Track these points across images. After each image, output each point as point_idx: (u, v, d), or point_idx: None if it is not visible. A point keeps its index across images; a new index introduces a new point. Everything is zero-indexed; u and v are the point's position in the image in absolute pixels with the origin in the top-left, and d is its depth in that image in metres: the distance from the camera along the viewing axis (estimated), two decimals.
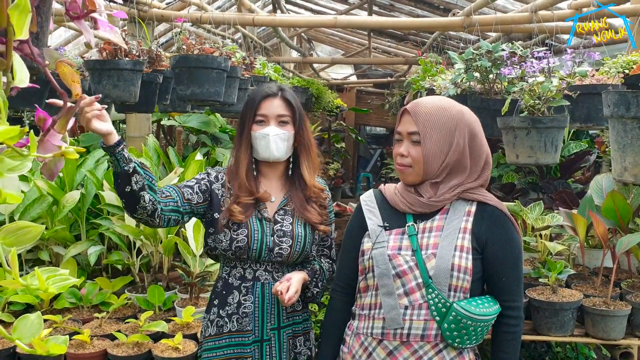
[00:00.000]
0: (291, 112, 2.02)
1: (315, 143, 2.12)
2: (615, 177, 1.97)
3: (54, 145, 0.67)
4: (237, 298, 1.98)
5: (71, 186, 3.20)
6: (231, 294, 1.99)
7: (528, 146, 2.30)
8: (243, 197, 1.96)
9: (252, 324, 1.96)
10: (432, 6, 6.13)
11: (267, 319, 1.97)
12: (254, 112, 2.00)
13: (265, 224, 1.99)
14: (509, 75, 2.36)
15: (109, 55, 2.47)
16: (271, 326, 1.98)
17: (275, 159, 2.01)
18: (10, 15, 0.46)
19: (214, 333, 2.00)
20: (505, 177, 5.04)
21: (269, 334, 1.97)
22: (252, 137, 2.00)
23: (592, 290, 2.65)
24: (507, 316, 1.70)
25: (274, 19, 3.89)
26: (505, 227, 1.69)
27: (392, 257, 1.67)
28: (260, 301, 1.97)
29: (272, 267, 2.00)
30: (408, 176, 1.70)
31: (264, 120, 1.99)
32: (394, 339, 1.65)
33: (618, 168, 1.92)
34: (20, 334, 0.50)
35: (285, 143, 1.99)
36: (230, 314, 1.98)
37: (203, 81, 2.66)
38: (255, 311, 1.97)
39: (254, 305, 1.97)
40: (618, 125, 1.87)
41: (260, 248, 1.95)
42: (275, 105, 2.00)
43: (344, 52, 10.63)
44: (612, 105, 1.85)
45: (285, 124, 2.01)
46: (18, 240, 0.49)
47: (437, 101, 1.72)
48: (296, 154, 2.06)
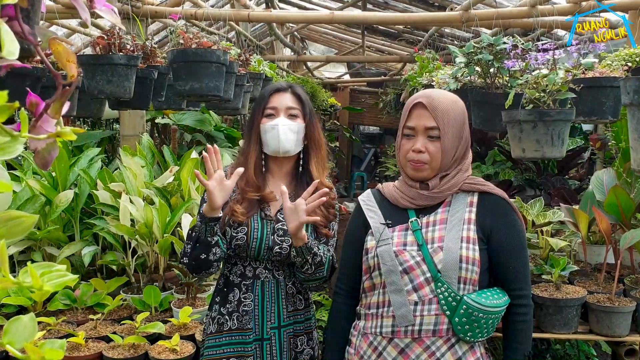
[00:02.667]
0: (301, 106, 1.99)
1: (326, 143, 2.08)
2: (636, 168, 1.93)
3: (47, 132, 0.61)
4: (237, 296, 1.96)
5: (64, 186, 3.14)
6: (232, 292, 1.97)
7: (534, 140, 2.25)
8: (250, 192, 1.93)
9: (253, 322, 1.93)
10: (427, 3, 6.10)
11: (267, 317, 1.94)
12: (263, 106, 1.98)
13: (266, 223, 1.95)
14: (513, 68, 2.32)
15: (103, 50, 2.41)
16: (271, 325, 1.94)
17: (285, 151, 1.95)
18: None
19: (215, 330, 1.97)
20: (502, 174, 5.02)
21: (269, 332, 1.94)
22: (262, 130, 1.96)
23: (595, 286, 2.62)
24: (517, 305, 1.68)
25: (269, 15, 3.84)
26: (509, 215, 1.68)
27: (398, 254, 1.64)
28: (260, 299, 1.94)
29: (272, 266, 1.96)
30: (424, 172, 1.66)
31: (274, 113, 1.97)
32: (405, 336, 1.61)
33: (638, 158, 1.88)
34: (11, 338, 0.44)
35: (294, 135, 1.95)
36: (230, 312, 1.95)
37: (202, 75, 2.59)
38: (255, 309, 1.94)
39: (254, 303, 1.94)
40: (638, 113, 1.83)
41: (259, 247, 1.92)
42: (285, 98, 1.98)
43: (338, 51, 10.60)
44: (633, 92, 1.81)
45: (295, 117, 1.97)
46: (9, 231, 0.44)
47: (447, 95, 1.70)
48: (306, 150, 2.02)
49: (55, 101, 0.63)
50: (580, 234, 2.72)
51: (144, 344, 2.46)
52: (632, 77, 1.91)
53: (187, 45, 2.56)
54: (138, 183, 3.17)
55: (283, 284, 1.97)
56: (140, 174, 3.23)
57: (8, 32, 0.43)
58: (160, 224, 2.89)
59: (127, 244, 3.04)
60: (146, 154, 3.60)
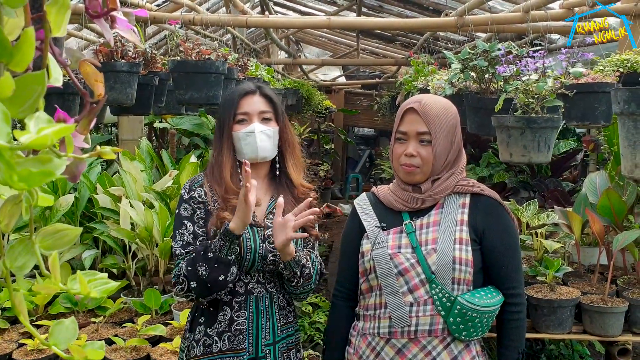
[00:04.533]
0: (273, 108, 1.88)
1: (299, 141, 1.99)
2: (626, 175, 1.98)
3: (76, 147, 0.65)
4: (229, 314, 1.79)
5: (64, 190, 3.17)
6: (222, 311, 1.80)
7: (522, 145, 2.31)
8: (233, 199, 1.77)
9: (247, 341, 1.79)
10: (421, 7, 6.15)
11: (262, 334, 1.81)
12: (233, 112, 1.84)
13: (256, 231, 1.82)
14: (504, 73, 2.37)
15: (105, 57, 2.45)
16: (266, 342, 1.81)
17: (262, 159, 1.85)
18: (47, 12, 0.45)
19: (200, 353, 1.80)
20: (496, 176, 5.07)
21: (264, 350, 1.81)
22: (235, 137, 1.84)
23: (589, 287, 2.67)
24: (510, 304, 1.71)
25: (267, 20, 3.88)
26: (501, 216, 1.71)
27: (393, 256, 1.67)
28: (254, 316, 1.81)
29: (264, 278, 1.84)
30: (416, 176, 1.70)
31: (246, 118, 1.84)
32: (402, 336, 1.65)
33: (628, 165, 1.93)
34: (56, 339, 0.48)
35: (271, 140, 1.84)
36: (220, 332, 1.79)
37: (202, 86, 2.64)
38: (249, 327, 1.80)
39: (248, 322, 1.80)
40: (628, 122, 1.88)
41: (253, 258, 1.79)
42: (256, 101, 1.86)
43: (332, 53, 10.65)
44: (623, 102, 1.86)
45: (269, 121, 1.86)
46: (55, 243, 0.47)
47: (439, 100, 1.74)
48: (281, 153, 1.92)
49: (84, 118, 0.67)
50: (574, 235, 2.77)
51: (146, 346, 2.49)
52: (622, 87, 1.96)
53: (187, 54, 2.60)
54: (138, 187, 3.21)
55: (276, 297, 1.86)
56: (139, 178, 3.27)
57: (53, 60, 0.47)
58: (161, 228, 2.93)
59: (127, 247, 3.07)
60: (145, 158, 3.64)
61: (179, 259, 1.76)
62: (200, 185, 1.85)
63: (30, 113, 0.40)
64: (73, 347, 0.46)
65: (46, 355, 2.45)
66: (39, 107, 0.42)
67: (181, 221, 1.80)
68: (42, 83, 0.40)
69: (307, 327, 4.41)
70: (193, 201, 1.82)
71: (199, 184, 1.84)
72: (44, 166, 0.36)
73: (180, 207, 1.83)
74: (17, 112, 0.39)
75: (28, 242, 0.47)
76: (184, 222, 1.79)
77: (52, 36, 0.46)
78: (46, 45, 0.46)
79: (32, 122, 0.38)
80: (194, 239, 1.78)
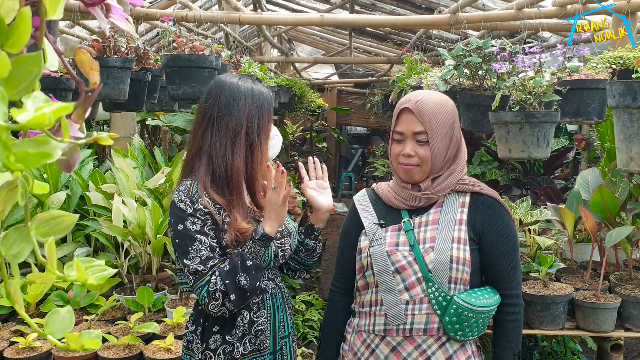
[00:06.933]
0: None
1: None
2: (621, 168, 1.99)
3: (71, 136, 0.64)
4: (247, 317, 1.77)
5: (56, 187, 3.14)
6: (240, 315, 1.76)
7: (521, 141, 2.31)
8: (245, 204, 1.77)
9: (269, 339, 1.80)
10: (414, 5, 6.15)
11: (279, 328, 1.84)
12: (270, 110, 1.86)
13: None
14: (499, 70, 2.37)
15: (98, 52, 2.43)
16: (282, 335, 1.85)
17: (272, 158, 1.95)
18: None
19: None
20: (489, 174, 5.09)
21: (280, 343, 1.84)
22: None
23: (581, 283, 2.68)
24: (508, 304, 1.70)
25: (260, 17, 3.86)
26: (500, 215, 1.69)
27: (391, 254, 1.66)
28: (272, 313, 1.82)
29: (272, 274, 1.86)
30: (415, 175, 1.68)
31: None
32: (397, 334, 1.64)
33: (624, 158, 1.94)
34: (51, 328, 0.47)
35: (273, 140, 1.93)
36: (241, 336, 1.76)
37: (195, 81, 2.63)
38: (268, 326, 1.81)
39: (268, 320, 1.81)
40: (624, 115, 1.89)
41: (270, 257, 1.78)
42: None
43: (325, 52, 10.64)
44: (618, 95, 1.87)
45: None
46: (52, 230, 0.47)
47: (434, 97, 1.70)
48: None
49: (79, 107, 0.66)
50: (567, 232, 2.78)
51: (139, 343, 2.47)
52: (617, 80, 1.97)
53: (180, 49, 2.59)
54: (130, 184, 3.18)
55: (284, 290, 1.91)
56: (132, 175, 3.24)
57: (48, 45, 0.47)
58: (153, 225, 2.91)
59: (119, 245, 3.05)
60: (137, 155, 3.61)
61: (203, 275, 1.66)
62: (199, 197, 1.72)
63: (26, 94, 0.39)
64: (70, 336, 0.45)
65: (38, 354, 2.42)
66: (35, 89, 0.41)
67: (192, 236, 1.68)
68: (38, 64, 0.39)
69: (300, 324, 4.41)
70: (199, 213, 1.70)
71: (197, 195, 1.72)
72: (41, 147, 0.35)
73: (185, 222, 1.69)
74: (13, 93, 0.38)
75: (23, 229, 0.46)
76: (196, 237, 1.68)
77: (48, 19, 0.46)
78: (41, 26, 0.45)
79: (29, 101, 0.37)
80: (212, 252, 1.69)
